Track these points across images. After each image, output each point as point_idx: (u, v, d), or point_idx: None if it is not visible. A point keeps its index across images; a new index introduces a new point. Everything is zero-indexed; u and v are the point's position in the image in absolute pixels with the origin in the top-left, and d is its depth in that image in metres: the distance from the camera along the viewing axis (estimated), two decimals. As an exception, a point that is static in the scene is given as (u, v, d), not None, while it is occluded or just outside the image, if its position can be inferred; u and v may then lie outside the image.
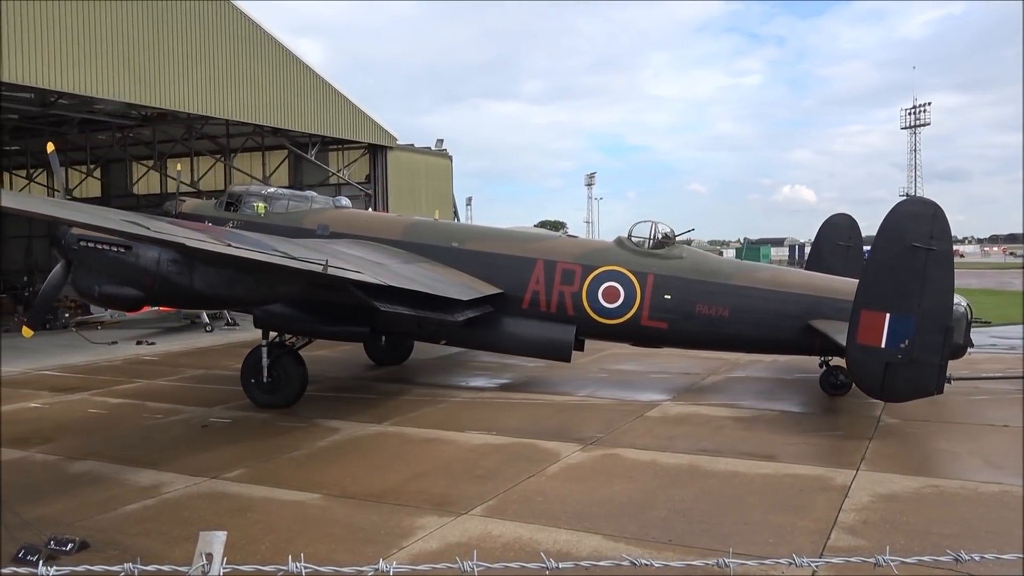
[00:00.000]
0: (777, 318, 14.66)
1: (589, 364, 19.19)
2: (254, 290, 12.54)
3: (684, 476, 10.02)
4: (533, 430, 12.50)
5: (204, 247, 10.60)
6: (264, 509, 8.83)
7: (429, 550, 7.57)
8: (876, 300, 12.22)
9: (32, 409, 14.75)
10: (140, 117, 31.51)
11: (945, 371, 12.29)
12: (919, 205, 12.39)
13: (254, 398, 14.51)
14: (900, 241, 11.99)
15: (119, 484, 9.80)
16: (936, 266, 11.88)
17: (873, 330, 12.21)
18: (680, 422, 13.14)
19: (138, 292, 11.58)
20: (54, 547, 7.69)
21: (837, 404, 14.35)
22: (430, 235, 17.08)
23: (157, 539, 7.93)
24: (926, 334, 11.95)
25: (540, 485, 9.67)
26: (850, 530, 8.00)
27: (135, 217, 10.65)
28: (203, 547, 3.68)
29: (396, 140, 34.06)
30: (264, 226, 16.94)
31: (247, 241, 11.88)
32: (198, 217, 17.59)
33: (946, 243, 12.05)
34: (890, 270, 12.10)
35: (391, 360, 19.37)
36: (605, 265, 15.59)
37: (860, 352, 12.41)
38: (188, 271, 11.57)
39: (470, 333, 15.64)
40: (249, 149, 36.01)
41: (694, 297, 15.04)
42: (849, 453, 11.02)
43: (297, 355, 14.77)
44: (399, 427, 12.87)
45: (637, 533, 7.96)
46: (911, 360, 12.03)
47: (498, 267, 16.08)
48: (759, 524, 8.22)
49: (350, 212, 18.63)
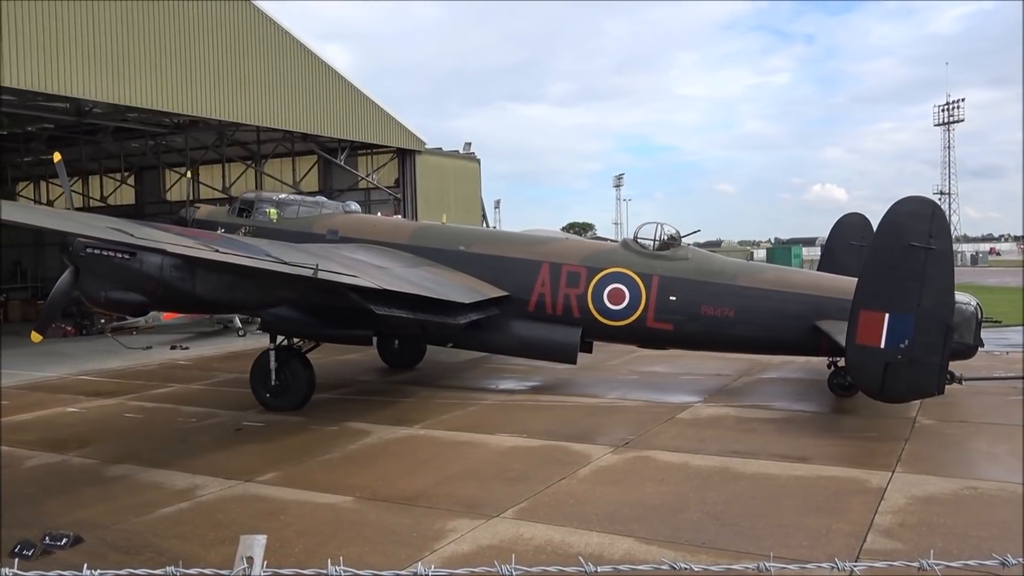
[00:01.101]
0: (783, 319, 14.54)
1: (619, 366, 19.13)
2: (254, 294, 12.87)
3: (716, 478, 9.95)
4: (564, 432, 12.48)
5: (188, 252, 10.83)
6: (297, 512, 8.90)
7: (461, 553, 7.59)
8: (875, 300, 12.15)
9: (70, 413, 14.99)
10: (172, 125, 31.92)
11: (946, 371, 12.18)
12: (917, 204, 12.23)
13: (262, 401, 14.67)
14: (898, 240, 11.93)
15: (155, 487, 9.93)
16: (935, 265, 11.80)
17: (872, 330, 12.13)
18: (712, 424, 13.05)
19: (142, 297, 11.95)
20: (49, 542, 7.99)
21: (871, 405, 14.13)
22: (437, 239, 17.24)
23: (193, 542, 8.02)
24: (926, 334, 11.86)
25: (571, 487, 9.65)
26: (886, 533, 7.90)
27: (122, 224, 10.79)
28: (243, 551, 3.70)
29: (424, 144, 34.17)
30: (276, 231, 17.29)
31: (239, 246, 12.05)
32: (212, 224, 17.98)
33: (945, 242, 11.97)
34: (889, 269, 12.04)
35: (404, 363, 19.50)
36: (610, 267, 15.59)
37: (859, 352, 12.34)
38: (190, 276, 11.93)
39: (476, 336, 15.80)
40: (279, 155, 36.31)
41: (699, 298, 14.98)
42: (884, 455, 10.88)
43: (305, 358, 14.94)
44: (430, 430, 12.91)
45: (670, 536, 7.92)
46: (911, 360, 11.94)
47: (504, 270, 16.18)
48: (793, 527, 8.14)
49: (359, 217, 18.84)
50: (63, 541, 7.98)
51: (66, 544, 7.94)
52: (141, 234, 10.29)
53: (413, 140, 33.49)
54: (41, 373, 19.92)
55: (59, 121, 30.24)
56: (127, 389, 17.34)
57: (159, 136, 34.87)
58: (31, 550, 7.78)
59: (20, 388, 17.86)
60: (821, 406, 14.42)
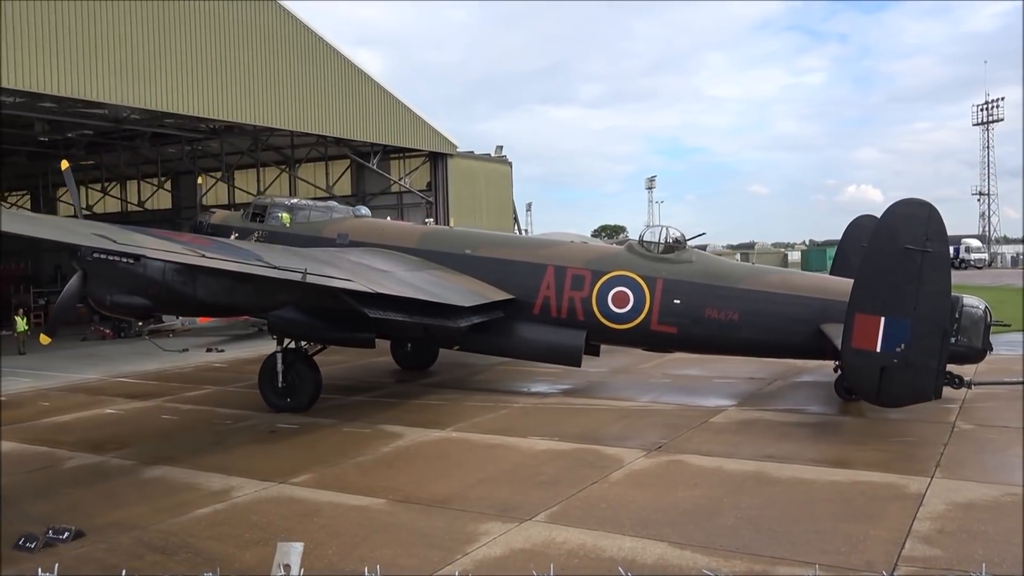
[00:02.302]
0: (788, 322, 14.40)
1: (651, 369, 19.02)
2: (253, 298, 13.34)
3: (751, 483, 9.85)
4: (596, 436, 12.44)
5: (169, 257, 11.01)
6: (330, 514, 8.95)
7: (493, 556, 7.58)
8: (871, 303, 12.11)
9: (108, 415, 15.23)
10: (208, 130, 32.36)
11: (943, 375, 12.08)
12: (914, 206, 12.16)
13: (270, 402, 14.89)
14: (894, 243, 11.84)
15: (191, 488, 10.05)
16: (932, 268, 11.73)
17: (868, 334, 12.06)
18: (745, 428, 12.93)
19: (146, 301, 12.47)
20: (52, 536, 8.26)
21: (909, 409, 13.93)
22: (444, 242, 17.41)
23: (228, 543, 8.10)
24: (923, 337, 11.79)
25: (603, 491, 9.61)
26: (926, 540, 7.76)
27: (107, 230, 10.96)
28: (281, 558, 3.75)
29: (456, 147, 34.29)
30: (288, 236, 17.63)
31: (230, 251, 12.23)
32: (226, 228, 18.47)
33: (942, 245, 11.88)
34: (885, 273, 11.97)
35: (417, 365, 19.67)
36: (615, 270, 15.60)
37: (855, 356, 12.29)
38: (191, 281, 12.42)
39: (482, 338, 15.94)
40: (313, 159, 36.66)
41: (703, 301, 14.91)
42: (922, 460, 10.70)
43: (311, 361, 15.17)
44: (462, 433, 12.93)
45: (704, 541, 7.85)
46: (907, 364, 11.87)
47: (510, 273, 16.28)
48: (829, 532, 8.03)
49: (369, 221, 19.07)
50: (65, 535, 8.25)
51: (68, 537, 8.20)
52: (124, 239, 10.50)
53: (445, 143, 33.62)
54: (81, 375, 20.26)
55: (98, 127, 30.78)
56: (164, 391, 17.58)
57: (195, 141, 35.36)
58: (34, 543, 8.09)
59: (61, 390, 18.19)
60: (857, 410, 14.21)
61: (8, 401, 16.91)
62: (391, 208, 35.51)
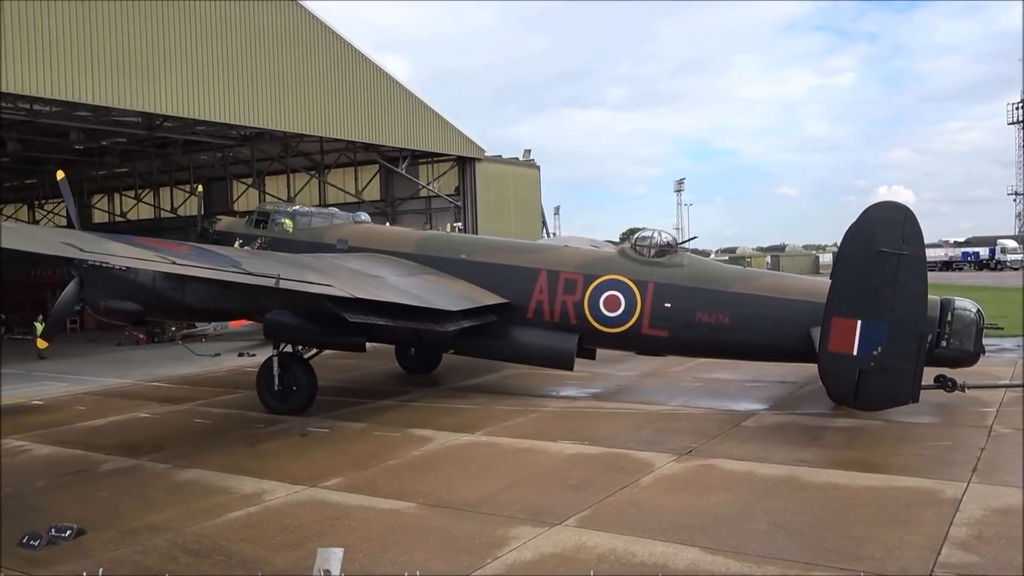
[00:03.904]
0: (778, 325, 14.35)
1: (681, 373, 18.91)
2: (239, 303, 13.93)
3: (783, 487, 9.75)
4: (626, 440, 12.38)
5: (136, 264, 11.28)
6: (361, 517, 8.99)
7: (523, 560, 7.57)
8: (847, 307, 12.13)
9: (143, 419, 15.42)
10: (239, 137, 32.72)
11: (920, 378, 12.09)
12: (889, 209, 12.21)
13: (267, 404, 15.17)
14: (870, 246, 11.85)
15: (224, 492, 10.15)
16: (908, 271, 11.74)
17: (845, 337, 12.07)
18: (777, 432, 12.81)
19: (137, 306, 13.01)
20: (54, 534, 8.46)
21: (945, 413, 13.74)
22: (440, 247, 17.63)
23: (261, 546, 8.17)
24: (899, 341, 11.80)
25: (634, 496, 9.56)
26: (962, 545, 7.63)
27: (76, 239, 11.16)
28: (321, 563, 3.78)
29: (484, 152, 34.35)
30: (290, 242, 18.08)
31: (207, 258, 12.43)
32: (231, 235, 18.92)
33: (918, 248, 11.89)
34: (860, 276, 11.97)
35: (420, 369, 19.88)
36: (606, 274, 15.66)
37: (832, 360, 12.29)
38: (180, 287, 12.98)
39: (475, 342, 16.14)
40: (342, 165, 36.91)
41: (694, 305, 14.93)
42: (959, 464, 10.52)
43: (307, 364, 15.40)
44: (492, 436, 12.94)
45: (736, 546, 7.78)
46: (884, 368, 11.86)
47: (503, 277, 16.42)
48: (864, 538, 7.92)
49: (368, 227, 19.37)
50: (67, 533, 8.47)
51: (70, 536, 8.42)
52: (91, 247, 10.70)
53: (473, 148, 33.70)
54: (116, 380, 20.55)
55: (132, 135, 31.25)
56: (197, 395, 17.78)
57: (226, 148, 35.79)
58: (37, 541, 8.30)
59: (96, 394, 18.46)
60: (892, 414, 13.99)
61: (45, 405, 17.19)
62: (419, 213, 35.68)
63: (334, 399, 16.31)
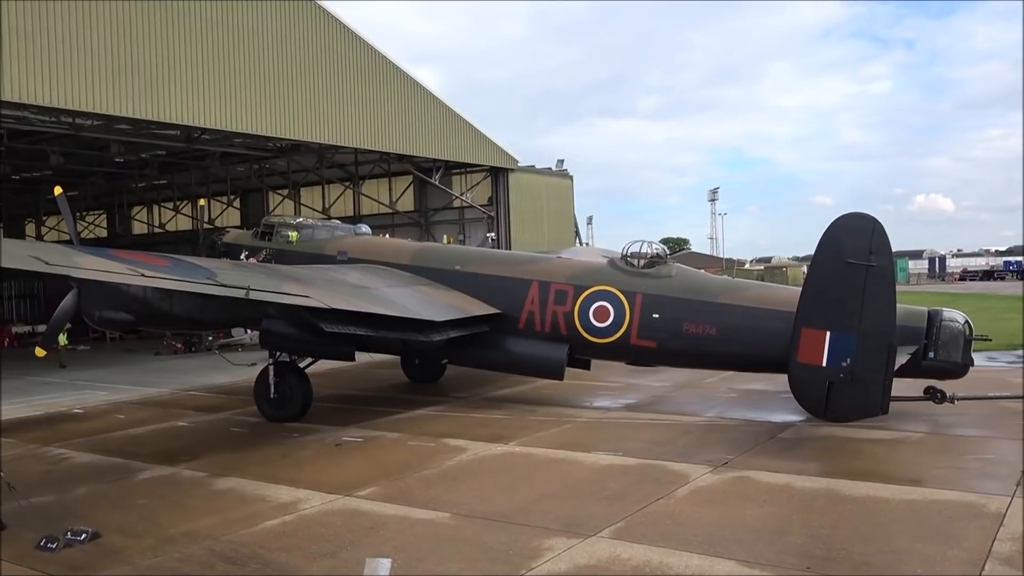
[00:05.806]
0: (765, 336, 14.21)
1: (716, 384, 18.75)
2: (223, 313, 14.43)
3: (821, 500, 9.62)
4: (661, 451, 12.29)
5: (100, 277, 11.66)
6: (396, 527, 9.02)
7: (558, 572, 7.54)
8: (816, 318, 12.20)
9: (180, 427, 15.63)
10: (275, 149, 33.12)
11: (890, 390, 12.14)
12: (857, 220, 12.20)
13: (264, 412, 15.59)
14: (838, 257, 11.91)
15: (260, 500, 10.24)
16: (876, 283, 11.80)
17: (814, 348, 12.17)
18: (815, 444, 12.63)
19: (129, 316, 13.47)
20: (71, 537, 8.63)
21: (987, 426, 13.46)
22: (436, 259, 17.91)
23: (296, 554, 8.22)
24: (868, 352, 11.85)
25: (669, 508, 9.49)
26: (1007, 561, 7.47)
27: (43, 252, 11.34)
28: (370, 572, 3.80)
29: (517, 162, 34.42)
30: (293, 254, 18.56)
31: (183, 270, 12.70)
32: (237, 247, 19.42)
33: (886, 259, 11.95)
34: (829, 287, 12.02)
35: (424, 379, 20.11)
36: (596, 285, 15.73)
37: (801, 371, 12.39)
38: (168, 298, 13.37)
39: (467, 352, 16.35)
40: (376, 176, 37.21)
41: (682, 315, 14.92)
42: (1002, 478, 10.29)
43: (302, 372, 15.77)
44: (526, 447, 12.92)
45: (773, 560, 7.69)
46: (853, 379, 11.95)
47: (496, 288, 16.57)
48: (905, 553, 7.78)
49: (367, 239, 19.73)
50: (83, 536, 8.66)
51: (85, 539, 8.61)
52: (57, 261, 10.88)
53: (506, 158, 33.78)
54: (154, 389, 20.85)
55: (170, 148, 31.76)
56: (233, 404, 17.97)
57: (263, 160, 36.24)
58: (55, 543, 8.48)
59: (134, 403, 18.74)
60: (933, 427, 13.76)
61: (84, 414, 17.50)
62: (453, 223, 35.82)
63: (369, 409, 16.41)
